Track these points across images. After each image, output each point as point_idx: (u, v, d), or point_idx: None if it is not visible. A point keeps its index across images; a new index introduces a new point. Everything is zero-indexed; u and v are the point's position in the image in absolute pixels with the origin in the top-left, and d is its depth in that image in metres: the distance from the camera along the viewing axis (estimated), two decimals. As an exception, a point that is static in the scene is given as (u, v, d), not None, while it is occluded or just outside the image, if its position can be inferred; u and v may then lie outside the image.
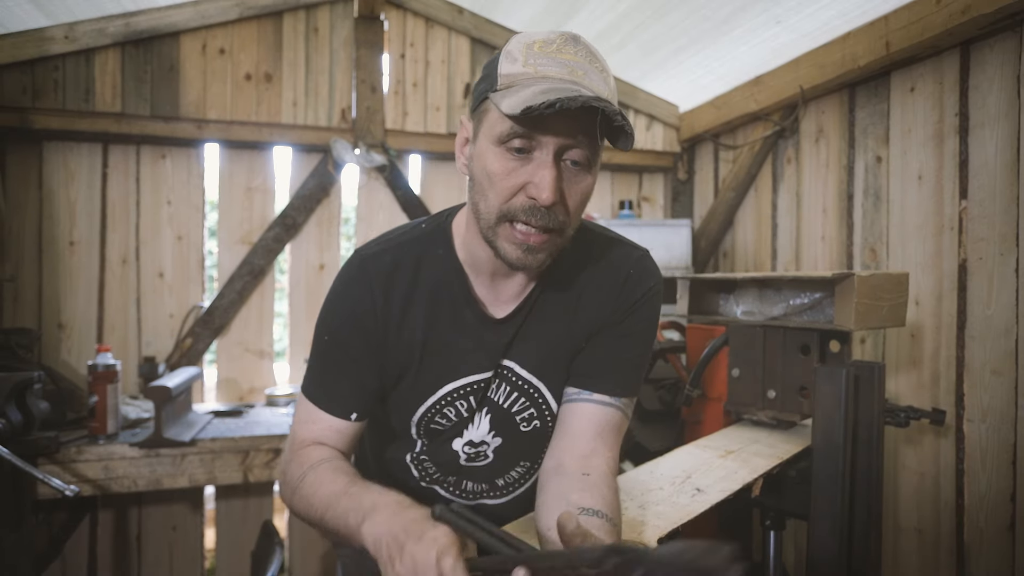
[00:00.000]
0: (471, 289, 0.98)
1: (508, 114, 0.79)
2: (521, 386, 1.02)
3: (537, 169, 0.82)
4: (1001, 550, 1.78)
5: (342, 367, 0.99)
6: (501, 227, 0.86)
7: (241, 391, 2.71)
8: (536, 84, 0.80)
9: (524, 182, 0.83)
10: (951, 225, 1.94)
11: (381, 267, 0.97)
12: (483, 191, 0.86)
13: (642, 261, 1.03)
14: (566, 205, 0.85)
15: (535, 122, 0.80)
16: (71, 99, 2.42)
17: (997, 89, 1.82)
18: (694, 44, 2.58)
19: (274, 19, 2.68)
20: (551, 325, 1.01)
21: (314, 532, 2.73)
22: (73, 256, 2.50)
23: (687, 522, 0.93)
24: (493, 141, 0.84)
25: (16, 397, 1.79)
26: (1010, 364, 1.78)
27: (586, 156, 0.84)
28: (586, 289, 1.01)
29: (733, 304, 1.57)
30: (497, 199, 0.84)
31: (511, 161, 0.83)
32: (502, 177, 0.83)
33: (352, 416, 1.00)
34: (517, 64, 0.83)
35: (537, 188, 0.81)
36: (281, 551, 1.91)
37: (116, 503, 2.49)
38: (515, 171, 0.83)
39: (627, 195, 3.29)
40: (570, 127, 0.81)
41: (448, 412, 1.02)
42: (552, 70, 0.82)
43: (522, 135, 0.81)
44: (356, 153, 2.70)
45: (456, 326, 0.98)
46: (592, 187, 0.88)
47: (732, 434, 1.44)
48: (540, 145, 0.82)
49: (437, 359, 0.99)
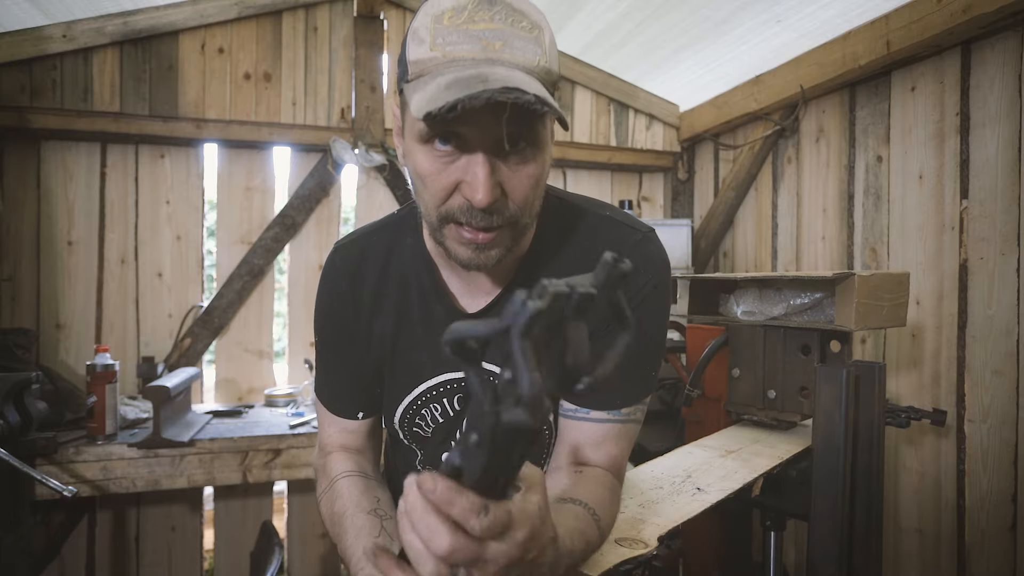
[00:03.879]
0: (441, 281, 0.91)
1: (417, 114, 0.66)
2: None
3: (468, 167, 0.71)
4: (1003, 551, 1.78)
5: (336, 367, 0.99)
6: (446, 228, 0.76)
7: (240, 391, 2.71)
8: (443, 74, 0.68)
9: (457, 180, 0.72)
10: (952, 225, 1.94)
11: (350, 258, 0.95)
12: (419, 191, 0.77)
13: (642, 246, 0.87)
14: (512, 198, 0.74)
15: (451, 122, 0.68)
16: (69, 98, 2.41)
17: (998, 88, 1.82)
18: (694, 44, 2.58)
19: (273, 18, 2.67)
20: None
21: (314, 532, 2.73)
22: (71, 256, 2.49)
23: (687, 521, 0.92)
24: (416, 139, 0.73)
25: (14, 397, 1.79)
26: (1011, 364, 1.77)
27: (524, 142, 0.72)
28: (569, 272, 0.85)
29: (733, 304, 1.56)
30: (433, 201, 0.75)
31: (439, 160, 0.72)
32: (433, 177, 0.73)
33: (359, 415, 0.99)
34: (424, 47, 0.70)
35: (471, 188, 0.71)
36: (280, 552, 1.90)
37: (115, 504, 2.48)
38: (445, 169, 0.73)
39: (627, 195, 3.28)
40: (497, 115, 0.66)
41: (425, 415, 0.96)
42: (462, 49, 0.69)
43: (442, 135, 0.71)
44: (355, 153, 2.70)
45: (426, 321, 0.91)
46: (542, 169, 0.76)
47: (732, 434, 1.44)
48: (466, 142, 0.71)
49: (409, 355, 0.93)
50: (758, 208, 2.80)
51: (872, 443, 1.19)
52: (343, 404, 0.99)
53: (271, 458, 2.14)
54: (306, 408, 2.49)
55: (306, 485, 2.70)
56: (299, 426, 2.24)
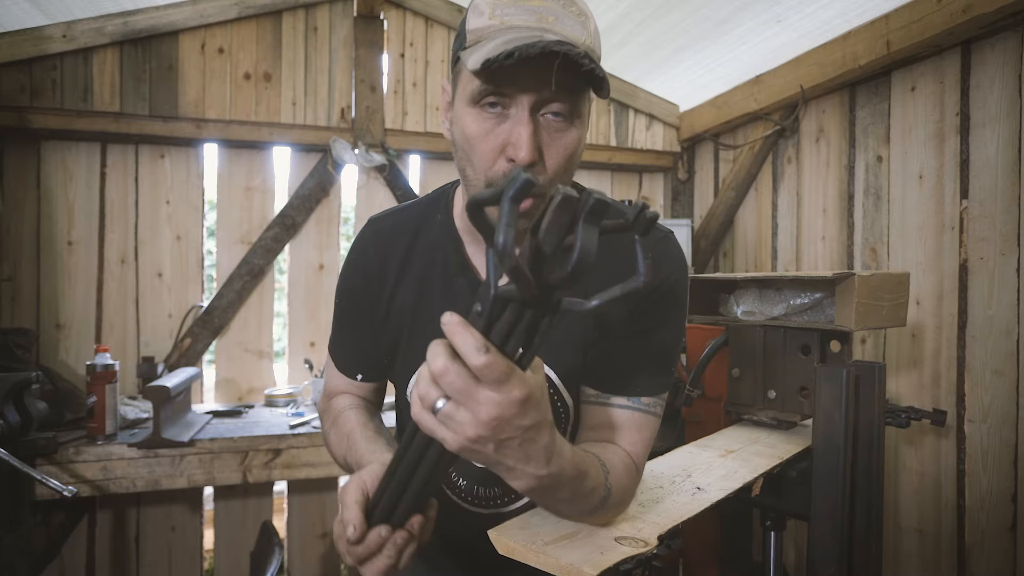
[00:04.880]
0: (466, 256, 0.94)
1: (472, 71, 0.73)
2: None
3: (513, 127, 0.76)
4: (1003, 551, 1.78)
5: (346, 329, 1.05)
6: None
7: (240, 391, 2.71)
8: (501, 36, 0.74)
9: (503, 143, 0.78)
10: (952, 225, 1.94)
11: (381, 231, 1.00)
12: (467, 156, 0.82)
13: (663, 245, 0.91)
14: (546, 163, 0.78)
15: (504, 77, 0.74)
16: (69, 98, 2.41)
17: (998, 88, 1.82)
18: (694, 44, 2.58)
19: (273, 18, 2.67)
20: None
21: (313, 532, 2.73)
22: (71, 256, 2.50)
23: (687, 520, 0.92)
24: (467, 102, 0.79)
25: (14, 397, 1.79)
26: (1011, 364, 1.77)
27: (566, 108, 0.77)
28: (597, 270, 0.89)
29: (733, 304, 1.56)
30: (481, 165, 0.80)
31: (487, 121, 0.78)
32: (480, 139, 0.79)
33: (358, 377, 1.06)
34: (483, 17, 0.77)
35: (514, 148, 0.76)
36: (280, 552, 1.90)
37: (115, 504, 2.48)
38: (492, 131, 0.78)
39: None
40: (542, 78, 0.73)
41: None
42: (519, 19, 0.75)
43: (493, 92, 0.76)
44: (355, 153, 2.70)
45: (448, 294, 0.94)
46: (578, 142, 0.81)
47: (732, 434, 1.44)
48: (514, 102, 0.76)
49: (428, 327, 0.94)
50: (758, 208, 2.80)
51: (872, 443, 1.19)
52: (346, 363, 1.07)
53: (271, 458, 2.14)
54: (306, 408, 2.49)
55: (306, 485, 2.70)
56: (299, 426, 2.24)
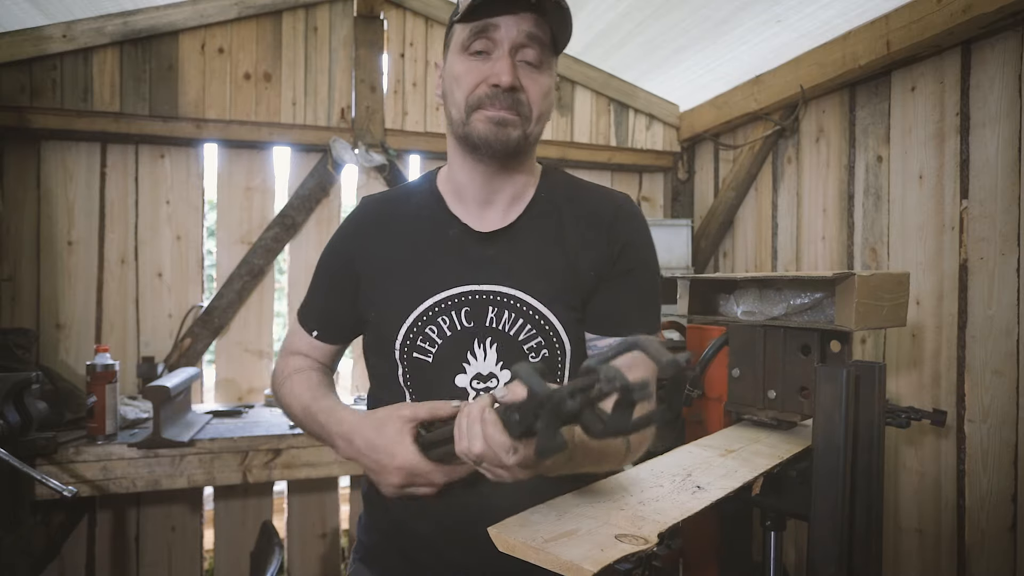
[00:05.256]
0: (450, 211, 1.06)
1: (462, 19, 0.93)
2: (529, 314, 1.01)
3: (495, 63, 0.95)
4: (1003, 551, 1.78)
5: (318, 287, 1.16)
6: (473, 115, 0.96)
7: (240, 391, 2.71)
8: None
9: (485, 75, 0.95)
10: (952, 225, 1.94)
11: (369, 204, 1.14)
12: (452, 94, 0.99)
13: (627, 203, 1.11)
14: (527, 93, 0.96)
15: (489, 26, 0.93)
16: (69, 98, 2.41)
17: (998, 88, 1.82)
18: (694, 44, 2.58)
19: (273, 18, 2.67)
20: (543, 248, 1.03)
21: (313, 532, 2.73)
22: (71, 256, 2.50)
23: (687, 519, 0.92)
24: (457, 51, 0.98)
25: (14, 397, 1.79)
26: (1011, 364, 1.77)
27: (537, 56, 0.96)
28: (570, 222, 1.05)
29: (733, 304, 1.56)
30: (463, 93, 0.96)
31: (473, 62, 0.96)
32: (465, 74, 0.96)
33: (313, 333, 1.14)
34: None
35: (496, 75, 0.93)
36: (280, 552, 1.90)
37: (115, 504, 2.48)
38: (476, 68, 0.95)
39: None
40: (520, 29, 0.94)
41: (432, 330, 1.01)
42: None
43: (479, 35, 0.94)
44: (355, 153, 2.70)
45: (438, 242, 1.04)
46: (550, 88, 0.99)
47: (732, 434, 1.43)
48: (496, 45, 0.95)
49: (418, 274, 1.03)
50: (758, 208, 2.80)
51: (872, 443, 1.19)
52: (306, 318, 1.16)
53: (271, 458, 2.14)
54: (306, 408, 2.49)
55: (306, 485, 2.70)
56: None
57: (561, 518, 0.87)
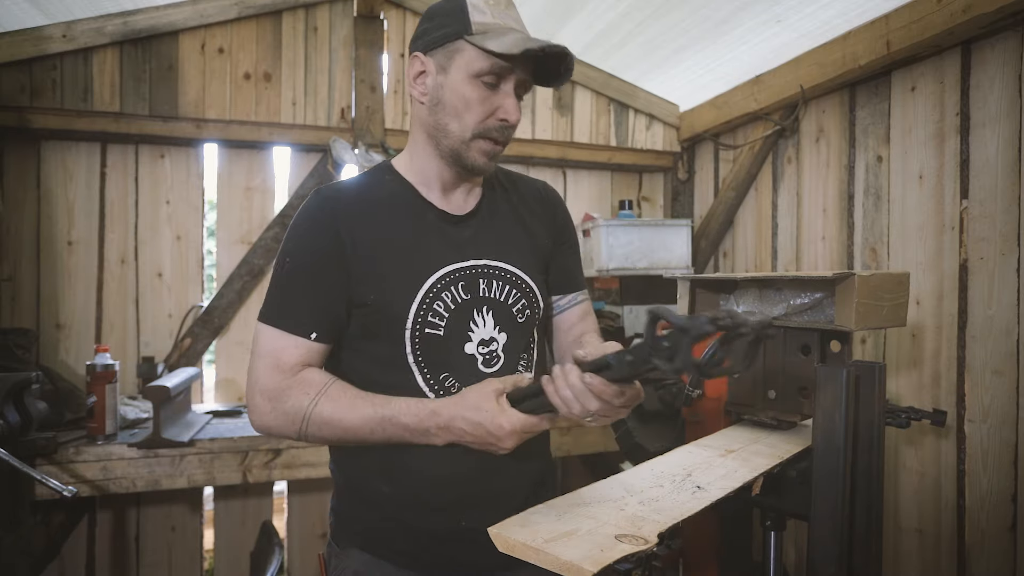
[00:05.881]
0: (425, 198, 1.15)
1: (505, 52, 1.00)
2: (514, 281, 1.16)
3: (505, 98, 1.06)
4: (1003, 551, 1.78)
5: (299, 287, 1.09)
6: (475, 142, 1.07)
7: (240, 391, 2.71)
8: (511, 33, 1.03)
9: (495, 107, 1.06)
10: (952, 225, 1.94)
11: (333, 192, 1.13)
12: (458, 113, 1.06)
13: (551, 188, 1.33)
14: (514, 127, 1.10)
15: (517, 63, 1.04)
16: (69, 98, 2.41)
17: (998, 88, 1.82)
18: (694, 44, 2.58)
19: (273, 18, 2.67)
20: (508, 226, 1.20)
21: (313, 532, 2.73)
22: (71, 256, 2.50)
23: (687, 519, 0.92)
24: (470, 75, 1.04)
25: (14, 397, 1.79)
26: (1011, 364, 1.77)
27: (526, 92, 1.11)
28: (520, 203, 1.25)
29: (733, 304, 1.56)
30: (473, 119, 1.06)
31: (484, 91, 1.05)
32: (478, 103, 1.05)
33: (312, 335, 1.07)
34: (486, 16, 1.04)
35: (507, 112, 1.06)
36: (280, 552, 1.90)
37: (114, 504, 2.48)
38: (488, 98, 1.05)
39: (627, 195, 3.28)
40: (529, 71, 1.07)
41: (439, 306, 1.09)
42: (512, 23, 1.06)
43: (498, 72, 1.04)
44: (355, 153, 2.70)
45: (420, 227, 1.12)
46: None
47: (732, 434, 1.43)
48: (507, 80, 1.06)
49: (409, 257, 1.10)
50: (758, 208, 2.80)
51: (872, 443, 1.19)
52: (300, 323, 1.07)
53: (271, 458, 2.14)
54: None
55: (306, 485, 2.70)
56: (299, 426, 2.23)
57: (561, 518, 0.87)
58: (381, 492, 1.11)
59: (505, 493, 1.11)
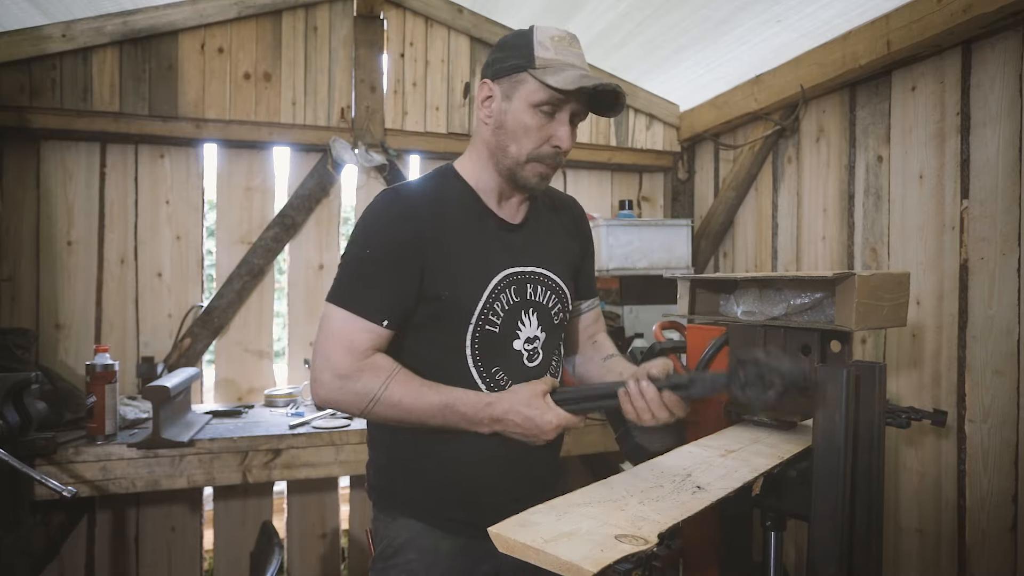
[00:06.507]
0: (487, 206, 1.27)
1: (561, 88, 1.13)
2: (555, 287, 1.31)
3: (560, 126, 1.19)
4: (1003, 551, 1.78)
5: (376, 276, 1.17)
6: (529, 164, 1.21)
7: (240, 391, 2.71)
8: (569, 70, 1.15)
9: (550, 134, 1.19)
10: (952, 225, 1.94)
11: (406, 194, 1.23)
12: (517, 138, 1.19)
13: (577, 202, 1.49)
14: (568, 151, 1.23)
15: (573, 96, 1.16)
16: (69, 98, 2.41)
17: (999, 88, 1.82)
18: (694, 44, 2.58)
19: (273, 18, 2.67)
20: (553, 236, 1.35)
21: (313, 533, 2.73)
22: (71, 256, 2.49)
23: (687, 519, 0.92)
24: (530, 103, 1.17)
25: (13, 398, 1.79)
26: (1012, 364, 1.77)
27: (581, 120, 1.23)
28: (558, 216, 1.40)
29: (733, 304, 1.56)
30: (530, 144, 1.19)
31: (542, 119, 1.18)
32: (536, 130, 1.18)
33: (384, 323, 1.16)
34: (550, 52, 1.17)
35: (561, 140, 1.19)
36: (280, 552, 1.90)
37: (114, 504, 2.48)
38: (544, 126, 1.19)
39: (627, 195, 3.28)
40: (585, 103, 1.20)
41: (497, 307, 1.23)
42: (573, 59, 1.18)
43: (556, 103, 1.17)
44: (355, 153, 2.70)
45: (483, 231, 1.25)
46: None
47: (732, 434, 1.43)
48: (563, 110, 1.18)
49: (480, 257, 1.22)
50: (758, 208, 2.80)
51: (872, 443, 1.19)
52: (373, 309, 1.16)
53: (271, 458, 2.14)
54: (306, 408, 2.49)
55: (306, 485, 2.70)
56: (299, 426, 2.23)
57: (561, 518, 0.87)
58: (427, 467, 1.24)
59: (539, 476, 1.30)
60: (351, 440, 2.20)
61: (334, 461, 2.19)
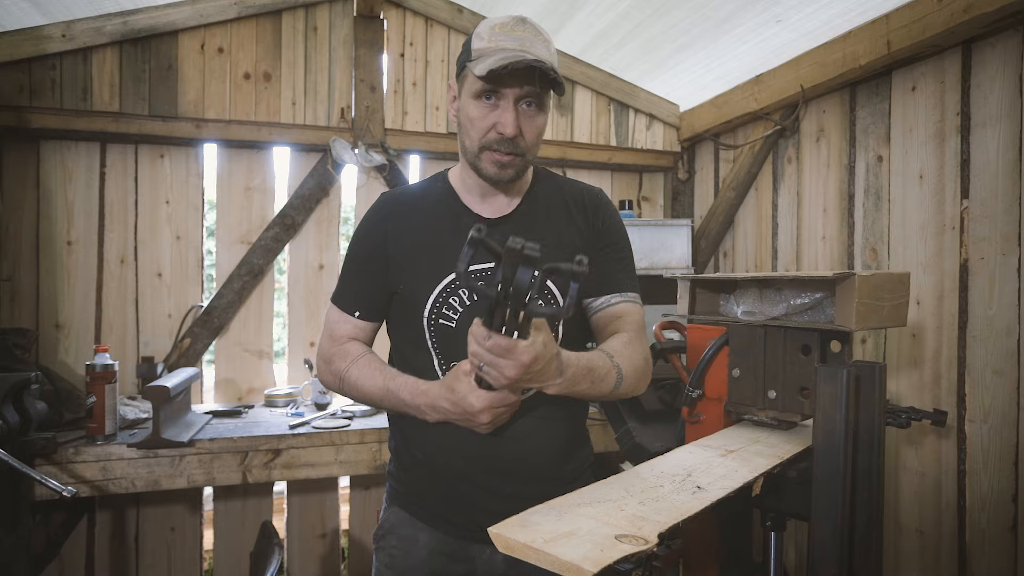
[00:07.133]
0: (464, 204, 1.30)
1: (478, 76, 1.12)
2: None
3: (502, 113, 1.17)
4: (1003, 551, 1.77)
5: (354, 274, 1.32)
6: (482, 154, 1.20)
7: (240, 391, 2.71)
8: (497, 54, 1.12)
9: (494, 122, 1.17)
10: (952, 225, 1.94)
11: (391, 196, 1.34)
12: (467, 131, 1.21)
13: (602, 193, 1.41)
14: (524, 137, 1.19)
15: (499, 80, 1.13)
16: (68, 98, 2.41)
17: (999, 88, 1.82)
18: (694, 43, 2.58)
19: (273, 18, 2.67)
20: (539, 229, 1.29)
21: (313, 533, 2.73)
22: (71, 256, 2.49)
23: (687, 519, 0.92)
24: (471, 96, 1.18)
25: (13, 398, 1.79)
26: (1012, 364, 1.77)
27: (535, 102, 1.19)
28: (558, 208, 1.33)
29: (733, 304, 1.56)
30: (477, 135, 1.19)
31: (484, 108, 1.18)
32: (478, 120, 1.18)
33: (356, 314, 1.31)
34: (483, 41, 1.16)
35: (503, 125, 1.16)
36: (280, 552, 1.90)
37: (114, 504, 2.48)
38: (487, 115, 1.18)
39: (627, 195, 3.28)
40: (523, 83, 1.15)
41: (454, 301, 1.24)
42: (508, 43, 1.15)
43: (489, 90, 1.16)
44: (355, 153, 2.70)
45: (454, 229, 1.25)
46: (544, 124, 1.23)
47: (732, 434, 1.43)
48: (503, 96, 1.16)
49: (439, 254, 1.24)
50: (758, 208, 2.80)
51: (872, 443, 1.19)
52: (348, 302, 1.32)
53: (271, 458, 2.13)
54: (305, 408, 2.49)
55: (306, 485, 2.70)
56: (299, 426, 2.23)
57: (561, 518, 0.87)
58: (416, 458, 1.30)
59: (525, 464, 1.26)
60: (351, 440, 2.20)
61: (334, 461, 2.19)
